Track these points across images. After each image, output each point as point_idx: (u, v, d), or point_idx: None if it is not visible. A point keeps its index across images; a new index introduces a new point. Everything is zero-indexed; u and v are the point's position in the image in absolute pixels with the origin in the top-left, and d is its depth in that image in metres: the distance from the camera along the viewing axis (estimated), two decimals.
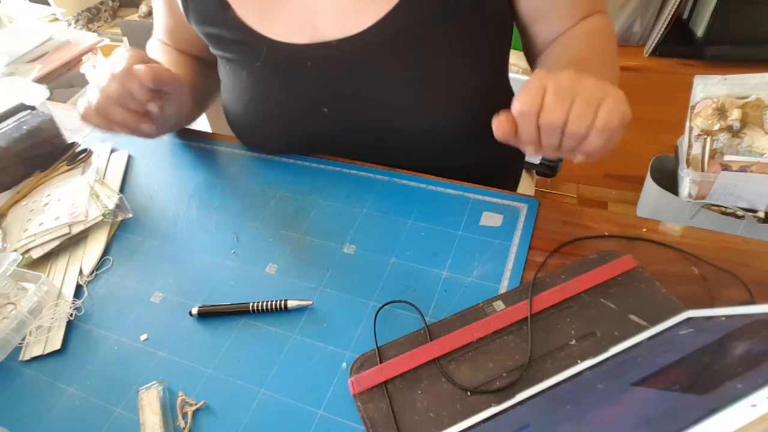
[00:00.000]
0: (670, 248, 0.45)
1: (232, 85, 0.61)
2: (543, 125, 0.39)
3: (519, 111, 0.39)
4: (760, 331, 0.30)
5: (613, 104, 0.39)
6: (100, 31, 1.76)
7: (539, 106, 0.39)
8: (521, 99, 0.39)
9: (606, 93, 0.39)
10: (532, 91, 0.39)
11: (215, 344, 0.45)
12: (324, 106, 0.57)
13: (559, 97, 0.38)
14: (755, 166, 0.83)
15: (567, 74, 0.40)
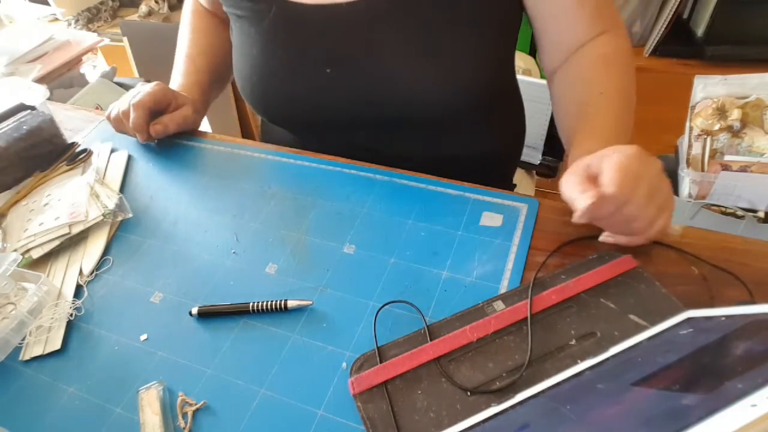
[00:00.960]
0: (670, 248, 0.45)
1: (240, 42, 0.62)
2: (623, 214, 0.40)
3: (612, 194, 0.39)
4: (760, 331, 0.30)
5: (671, 214, 0.43)
6: (100, 31, 1.76)
7: (630, 196, 0.39)
8: (616, 182, 0.38)
9: (671, 201, 0.43)
10: (629, 179, 0.39)
11: (215, 344, 0.45)
12: (328, 66, 0.57)
13: (649, 196, 0.40)
14: (755, 166, 0.82)
15: (655, 170, 0.41)
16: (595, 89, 0.55)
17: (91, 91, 1.27)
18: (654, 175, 0.40)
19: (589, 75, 0.56)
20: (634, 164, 0.39)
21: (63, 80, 1.27)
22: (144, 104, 0.65)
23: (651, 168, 0.40)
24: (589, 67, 0.56)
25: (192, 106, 0.70)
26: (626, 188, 0.38)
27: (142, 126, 0.66)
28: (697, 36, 1.26)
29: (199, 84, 0.74)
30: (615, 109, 0.54)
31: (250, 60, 0.61)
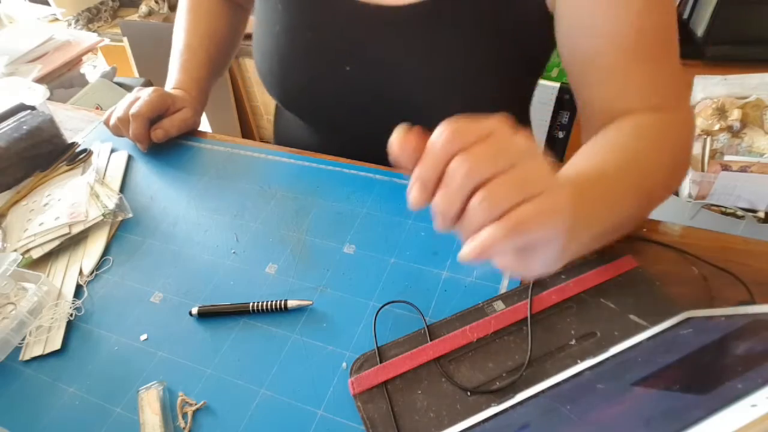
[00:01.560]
0: (670, 248, 0.45)
1: (265, 17, 0.60)
2: (449, 171, 0.28)
3: (436, 135, 0.29)
4: (760, 331, 0.30)
5: (549, 205, 0.28)
6: (100, 31, 1.76)
7: (464, 144, 0.28)
8: (449, 124, 0.29)
9: (551, 189, 0.29)
10: (468, 125, 0.29)
11: (215, 344, 0.45)
12: (347, 64, 0.56)
13: (494, 151, 0.28)
14: (755, 166, 0.83)
15: (524, 137, 0.29)
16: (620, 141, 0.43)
17: (91, 91, 1.27)
18: (516, 140, 0.29)
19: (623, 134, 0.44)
20: (490, 121, 0.29)
21: (63, 80, 1.28)
22: (143, 114, 0.65)
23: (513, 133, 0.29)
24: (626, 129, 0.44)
25: (191, 107, 0.70)
26: (456, 130, 0.28)
27: (143, 135, 0.66)
28: (697, 36, 1.26)
29: (198, 81, 0.73)
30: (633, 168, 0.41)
31: (272, 37, 0.59)
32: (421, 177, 0.29)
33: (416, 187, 0.30)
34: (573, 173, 0.38)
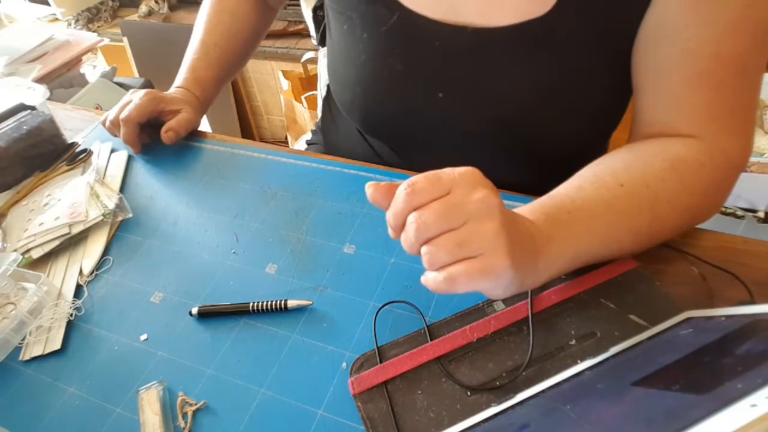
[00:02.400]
0: (670, 248, 0.45)
1: (346, 46, 0.57)
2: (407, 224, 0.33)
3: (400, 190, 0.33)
4: (760, 331, 0.30)
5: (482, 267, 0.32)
6: (100, 31, 1.76)
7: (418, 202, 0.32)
8: (409, 181, 0.33)
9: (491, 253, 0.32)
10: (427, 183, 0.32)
11: (215, 344, 0.45)
12: (440, 90, 0.53)
13: (444, 210, 0.32)
14: (755, 166, 0.83)
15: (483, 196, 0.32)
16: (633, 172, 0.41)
17: (91, 91, 1.27)
18: (473, 203, 0.32)
19: (651, 157, 0.42)
20: (450, 175, 0.33)
21: (63, 80, 1.28)
22: (132, 119, 0.65)
23: (473, 193, 0.32)
24: (656, 153, 0.43)
25: (191, 107, 0.70)
26: (412, 189, 0.32)
27: (133, 140, 0.66)
28: None
29: (203, 81, 0.73)
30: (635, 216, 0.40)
31: (356, 68, 0.56)
32: (388, 221, 0.35)
33: (389, 230, 0.35)
34: (555, 206, 0.39)
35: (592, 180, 0.42)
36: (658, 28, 0.43)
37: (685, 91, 0.43)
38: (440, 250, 0.32)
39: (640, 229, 0.41)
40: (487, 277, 0.32)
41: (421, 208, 0.32)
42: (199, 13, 0.76)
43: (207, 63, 0.73)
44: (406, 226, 0.33)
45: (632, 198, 0.40)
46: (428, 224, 0.32)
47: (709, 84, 0.42)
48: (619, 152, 0.45)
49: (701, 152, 0.42)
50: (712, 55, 0.41)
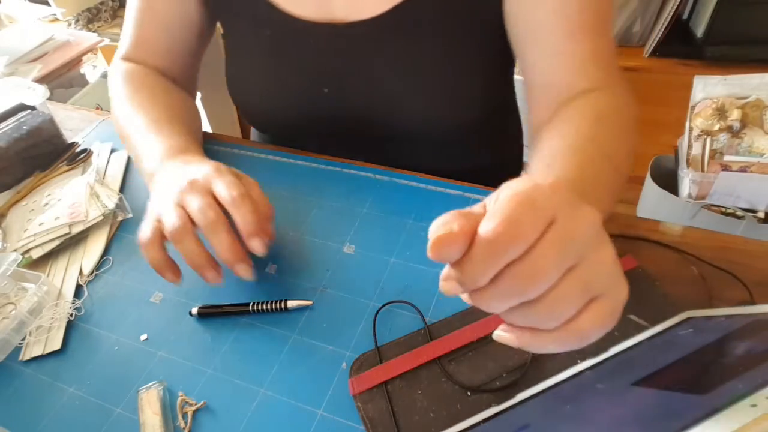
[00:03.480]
0: (670, 248, 0.45)
1: (236, 49, 0.60)
2: (509, 278, 0.23)
3: (491, 236, 0.23)
4: (760, 331, 0.30)
5: (612, 309, 0.25)
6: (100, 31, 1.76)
7: (526, 245, 0.23)
8: (504, 216, 0.23)
9: (615, 286, 0.25)
10: (530, 215, 0.23)
11: (215, 344, 0.45)
12: (325, 86, 0.56)
13: (563, 250, 0.23)
14: (755, 166, 0.83)
15: (591, 218, 0.25)
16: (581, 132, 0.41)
17: (91, 91, 1.27)
18: (583, 227, 0.24)
19: (577, 121, 0.43)
20: (547, 194, 0.24)
21: (63, 80, 1.27)
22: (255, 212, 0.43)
23: (579, 215, 0.24)
24: (579, 116, 0.44)
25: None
26: (519, 225, 0.23)
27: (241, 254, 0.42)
28: (697, 36, 1.26)
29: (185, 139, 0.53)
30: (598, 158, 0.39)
31: (245, 72, 0.59)
32: (466, 281, 0.24)
33: (453, 286, 0.25)
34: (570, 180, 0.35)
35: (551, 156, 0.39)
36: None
37: (569, 45, 0.46)
38: (565, 303, 0.24)
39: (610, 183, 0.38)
40: (618, 315, 0.26)
41: (527, 253, 0.23)
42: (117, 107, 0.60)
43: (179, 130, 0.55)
44: (504, 279, 0.24)
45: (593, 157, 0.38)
46: (547, 274, 0.23)
47: (586, 35, 0.46)
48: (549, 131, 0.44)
49: (607, 101, 0.45)
50: (580, 9, 0.45)
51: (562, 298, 0.24)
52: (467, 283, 0.24)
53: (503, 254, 0.23)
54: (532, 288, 0.23)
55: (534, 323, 0.25)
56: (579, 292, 0.24)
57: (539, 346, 0.26)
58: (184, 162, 0.47)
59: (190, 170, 0.44)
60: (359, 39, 0.52)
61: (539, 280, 0.23)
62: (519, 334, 0.27)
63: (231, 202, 0.41)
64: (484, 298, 0.25)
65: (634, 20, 1.31)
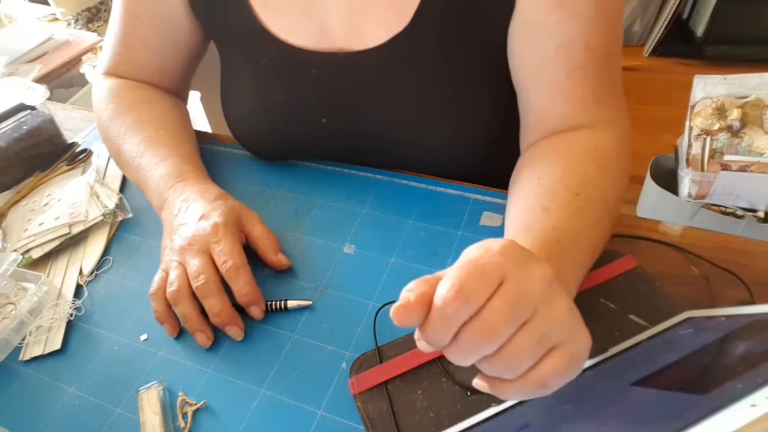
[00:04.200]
0: (670, 248, 0.45)
1: (232, 77, 0.59)
2: (465, 336, 0.26)
3: (442, 302, 0.25)
4: (760, 331, 0.30)
5: (571, 357, 0.27)
6: (100, 31, 1.75)
7: (474, 307, 0.25)
8: (452, 283, 0.25)
9: (573, 335, 0.28)
10: (476, 280, 0.26)
11: (215, 344, 0.45)
12: (323, 116, 0.55)
13: (511, 306, 0.25)
14: (755, 166, 0.83)
15: (541, 274, 0.27)
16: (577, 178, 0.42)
17: (91, 91, 1.27)
18: (532, 283, 0.26)
19: (580, 158, 0.43)
20: (494, 259, 0.26)
21: (63, 80, 1.27)
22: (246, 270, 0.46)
23: (527, 273, 0.26)
24: (581, 153, 0.44)
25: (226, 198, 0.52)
26: (463, 293, 0.25)
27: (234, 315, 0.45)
28: (697, 36, 1.26)
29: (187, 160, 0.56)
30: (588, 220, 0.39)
31: (241, 100, 0.58)
32: (430, 342, 0.27)
33: (423, 345, 0.29)
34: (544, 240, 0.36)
35: (549, 197, 0.40)
36: (528, 27, 0.46)
37: (570, 83, 0.45)
38: (521, 355, 0.26)
39: (604, 230, 0.41)
40: (579, 363, 0.28)
41: (478, 313, 0.26)
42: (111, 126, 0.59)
43: (169, 146, 0.56)
44: (461, 337, 0.26)
45: (592, 204, 0.40)
46: (498, 331, 0.25)
47: (589, 74, 0.45)
48: (543, 159, 0.45)
49: (609, 141, 0.45)
50: (585, 47, 0.44)
51: (516, 350, 0.26)
52: (432, 343, 0.27)
53: (455, 317, 0.25)
54: (487, 343, 0.26)
55: (497, 374, 0.28)
56: (533, 343, 0.26)
57: (507, 395, 0.29)
58: (185, 200, 0.50)
59: (191, 222, 0.47)
60: (360, 69, 0.51)
61: (492, 336, 0.26)
62: (490, 383, 0.29)
63: (226, 274, 0.44)
64: (450, 354, 0.27)
65: (634, 20, 1.31)
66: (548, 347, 0.27)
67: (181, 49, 0.61)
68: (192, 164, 0.55)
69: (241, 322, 0.45)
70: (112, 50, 0.62)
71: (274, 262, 0.49)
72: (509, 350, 0.26)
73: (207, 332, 0.44)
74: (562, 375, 0.27)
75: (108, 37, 0.61)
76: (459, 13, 0.47)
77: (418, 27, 0.48)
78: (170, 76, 0.64)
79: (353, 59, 0.51)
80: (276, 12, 0.52)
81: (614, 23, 0.46)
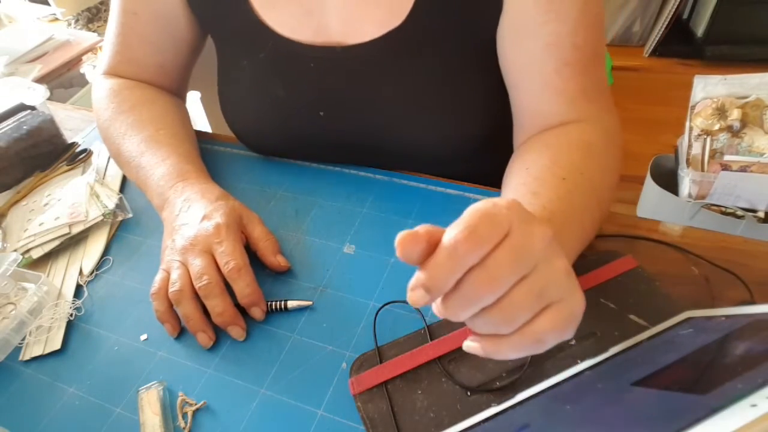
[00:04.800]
0: (671, 248, 0.45)
1: (230, 73, 0.59)
2: (468, 283, 0.26)
3: (453, 241, 0.25)
4: (760, 331, 0.30)
5: (567, 315, 0.28)
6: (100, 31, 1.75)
7: (484, 251, 0.26)
8: (465, 226, 0.26)
9: (569, 295, 0.28)
10: (488, 225, 0.26)
11: (215, 344, 0.45)
12: (321, 109, 0.56)
13: (516, 258, 0.26)
14: (755, 166, 0.83)
15: (542, 232, 0.27)
16: (564, 165, 0.42)
17: (91, 91, 1.27)
18: (536, 239, 0.27)
19: (566, 148, 0.45)
20: (503, 210, 0.27)
21: (63, 80, 1.27)
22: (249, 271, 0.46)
23: (531, 229, 0.27)
24: (571, 146, 0.45)
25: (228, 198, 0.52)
26: (474, 234, 0.25)
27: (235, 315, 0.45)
28: (697, 36, 1.27)
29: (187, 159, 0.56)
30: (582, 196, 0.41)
31: (240, 95, 0.59)
32: (431, 286, 0.26)
33: (420, 293, 0.26)
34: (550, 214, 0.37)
35: (538, 183, 0.41)
36: (515, 27, 0.47)
37: (559, 80, 0.47)
38: (519, 307, 0.27)
39: (594, 216, 0.42)
40: (574, 323, 0.28)
41: (483, 262, 0.26)
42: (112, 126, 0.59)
43: (170, 146, 0.57)
44: (464, 288, 0.26)
45: (580, 189, 0.41)
46: (501, 280, 0.26)
47: (577, 71, 0.47)
48: (532, 151, 0.47)
49: (596, 133, 0.46)
50: (572, 46, 0.46)
51: (516, 303, 0.27)
52: (432, 288, 0.26)
53: (463, 259, 0.25)
54: (489, 292, 0.26)
55: (493, 329, 0.28)
56: (532, 297, 0.27)
57: (500, 353, 0.29)
58: (186, 200, 0.50)
59: (193, 223, 0.48)
60: (357, 62, 0.52)
61: (494, 285, 0.26)
62: (483, 343, 0.29)
63: (228, 275, 0.45)
64: (448, 304, 0.27)
65: (634, 20, 1.31)
66: (546, 303, 0.27)
67: (180, 45, 0.61)
68: (193, 164, 0.56)
69: (243, 323, 0.45)
70: (112, 49, 0.62)
71: (273, 264, 0.49)
72: (508, 301, 0.26)
73: (209, 332, 0.44)
74: (557, 332, 0.28)
75: (107, 36, 0.61)
76: (453, 11, 0.48)
77: (413, 23, 0.49)
78: (170, 72, 0.64)
79: (349, 52, 0.52)
80: (274, 8, 0.52)
81: (599, 24, 0.48)
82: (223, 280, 0.45)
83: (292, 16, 0.52)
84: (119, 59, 0.62)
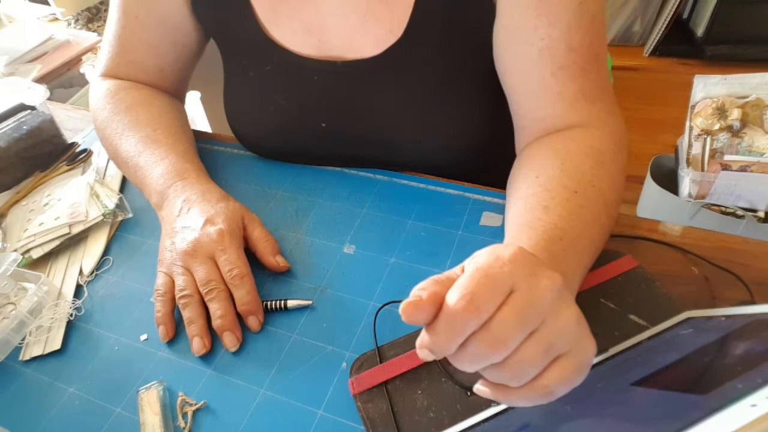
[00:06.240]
0: (670, 248, 0.45)
1: (236, 83, 0.60)
2: (473, 346, 0.26)
3: (452, 311, 0.26)
4: (760, 331, 0.30)
5: (576, 367, 0.28)
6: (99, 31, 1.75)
7: (483, 318, 0.26)
8: (464, 293, 0.26)
9: (579, 344, 0.28)
10: (488, 290, 0.26)
11: (215, 344, 0.45)
12: (323, 120, 0.56)
13: (521, 317, 0.26)
14: (755, 166, 0.82)
15: (551, 283, 0.27)
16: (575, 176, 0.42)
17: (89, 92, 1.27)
18: (542, 293, 0.27)
19: (576, 156, 0.43)
20: (505, 268, 0.27)
21: (63, 80, 1.27)
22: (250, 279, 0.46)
23: (537, 282, 0.27)
24: (577, 150, 0.44)
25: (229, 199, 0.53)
26: (474, 304, 0.25)
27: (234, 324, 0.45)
28: (697, 36, 1.27)
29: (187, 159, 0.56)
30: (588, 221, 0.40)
31: (246, 105, 0.59)
32: (434, 350, 0.27)
33: (425, 353, 0.27)
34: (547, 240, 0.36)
35: (548, 195, 0.40)
36: (509, 33, 0.47)
37: (555, 83, 0.46)
38: (527, 364, 0.27)
39: (603, 228, 0.41)
40: (584, 372, 0.28)
41: (488, 323, 0.26)
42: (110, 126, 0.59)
43: (168, 145, 0.56)
44: (469, 346, 0.26)
45: (591, 202, 0.40)
46: (506, 341, 0.26)
47: (574, 73, 0.45)
48: (540, 157, 0.45)
49: (604, 140, 0.45)
50: (568, 49, 0.45)
51: (524, 360, 0.26)
52: (437, 350, 0.27)
53: (462, 327, 0.26)
54: (495, 353, 0.26)
55: (503, 381, 0.28)
56: (541, 353, 0.27)
57: (510, 402, 0.29)
58: (186, 201, 0.50)
59: (195, 227, 0.48)
60: (357, 77, 0.53)
61: (500, 346, 0.26)
62: (493, 390, 0.30)
63: (231, 282, 0.45)
64: (456, 361, 0.28)
65: (634, 20, 1.31)
66: (554, 356, 0.27)
67: (181, 50, 0.61)
68: (191, 162, 0.56)
69: (239, 333, 0.45)
70: (111, 51, 0.61)
71: (272, 264, 0.49)
72: (516, 359, 0.26)
73: (206, 339, 0.44)
74: (566, 383, 0.28)
75: (106, 38, 0.61)
76: (448, 24, 0.49)
77: (411, 38, 0.50)
78: (169, 76, 0.64)
79: (350, 67, 0.53)
80: (280, 25, 0.53)
81: (597, 25, 0.46)
82: None
83: (296, 35, 0.53)
84: (118, 61, 0.62)
